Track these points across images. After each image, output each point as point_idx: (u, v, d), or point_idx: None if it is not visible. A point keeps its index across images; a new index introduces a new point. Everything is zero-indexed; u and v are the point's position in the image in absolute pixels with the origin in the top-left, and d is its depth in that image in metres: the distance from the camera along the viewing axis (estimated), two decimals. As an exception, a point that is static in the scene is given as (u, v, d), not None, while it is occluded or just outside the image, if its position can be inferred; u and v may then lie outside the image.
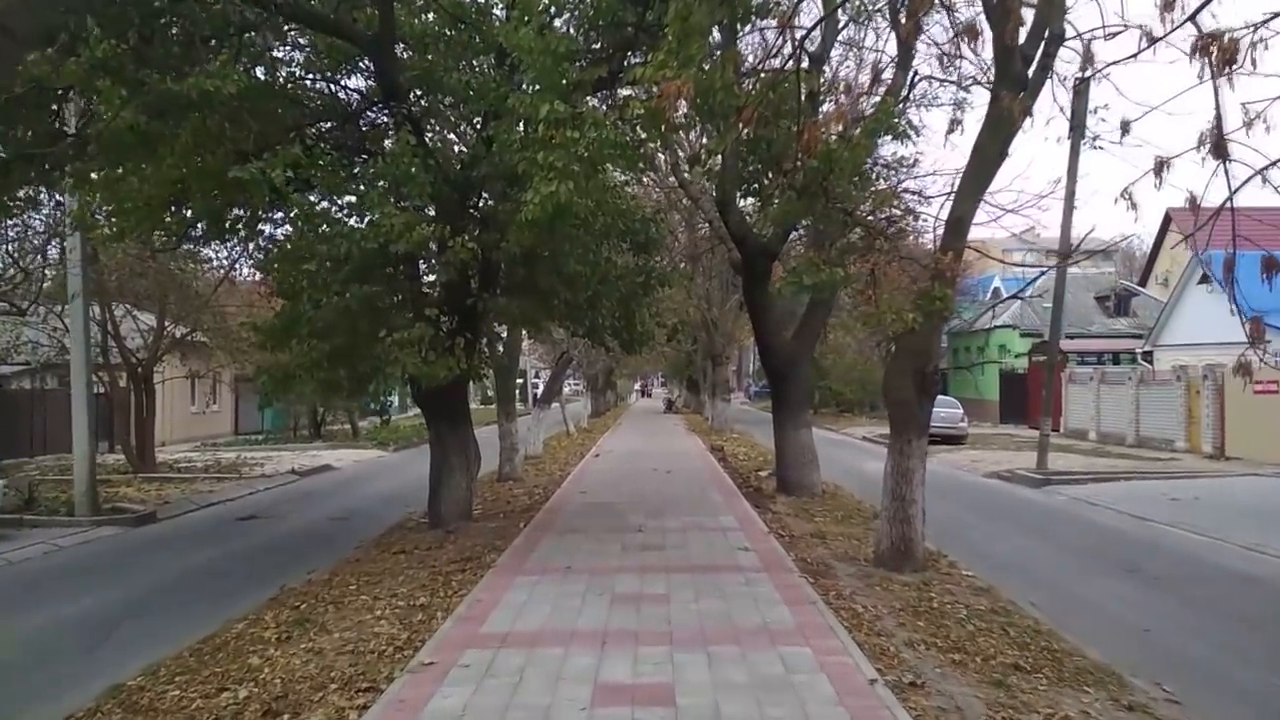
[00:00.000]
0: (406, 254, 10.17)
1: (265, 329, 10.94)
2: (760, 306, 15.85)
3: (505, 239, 10.51)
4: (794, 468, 15.80)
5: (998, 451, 29.29)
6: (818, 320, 16.22)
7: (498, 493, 17.31)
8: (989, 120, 9.13)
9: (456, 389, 12.92)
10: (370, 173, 10.45)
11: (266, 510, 17.28)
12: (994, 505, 17.79)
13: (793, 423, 15.82)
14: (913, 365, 10.05)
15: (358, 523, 15.41)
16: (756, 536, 11.65)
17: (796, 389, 15.99)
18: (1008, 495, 19.38)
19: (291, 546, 13.45)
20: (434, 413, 13.37)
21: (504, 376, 19.21)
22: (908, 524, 10.15)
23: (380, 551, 11.77)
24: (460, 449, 13.19)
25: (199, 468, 23.64)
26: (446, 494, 13.20)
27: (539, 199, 8.69)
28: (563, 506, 14.73)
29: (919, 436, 10.25)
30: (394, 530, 13.69)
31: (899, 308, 8.09)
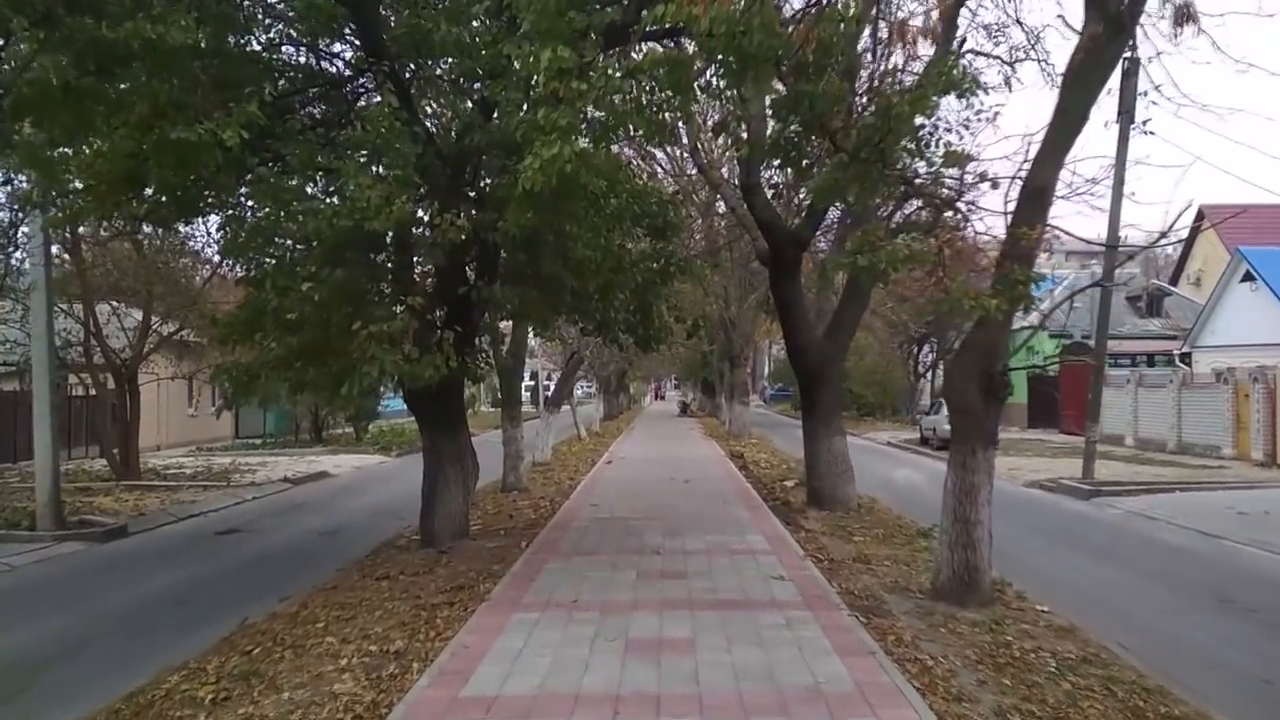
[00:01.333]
0: (386, 234, 8.76)
1: (226, 322, 9.50)
2: (789, 302, 14.36)
3: (503, 218, 9.07)
4: (827, 479, 14.30)
5: (1032, 458, 27.66)
6: (852, 316, 14.72)
7: (500, 505, 15.86)
8: (1075, 72, 7.64)
9: (451, 392, 11.49)
10: (347, 141, 9.00)
11: (250, 523, 15.88)
12: (1044, 520, 16.22)
13: (825, 429, 14.32)
14: (980, 365, 8.56)
15: (345, 539, 14.00)
16: (791, 561, 10.16)
17: (829, 393, 14.49)
18: (1055, 508, 17.79)
19: (267, 568, 12.03)
20: (427, 418, 11.95)
21: (509, 378, 17.77)
22: (972, 550, 8.65)
23: (361, 576, 10.33)
24: (456, 459, 11.75)
25: (187, 475, 22.29)
26: (440, 509, 11.77)
27: (539, 164, 7.24)
28: (571, 522, 13.27)
29: (985, 447, 8.75)
30: (382, 549, 12.25)
31: (977, 292, 6.60)
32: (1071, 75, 7.71)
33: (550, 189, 8.09)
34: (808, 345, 14.33)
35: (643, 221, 11.20)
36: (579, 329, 13.67)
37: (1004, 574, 9.86)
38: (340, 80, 11.05)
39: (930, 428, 32.34)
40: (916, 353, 50.94)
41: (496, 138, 9.11)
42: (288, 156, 9.02)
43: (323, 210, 8.27)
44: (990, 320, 8.44)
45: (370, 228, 8.17)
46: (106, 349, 20.93)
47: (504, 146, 9.17)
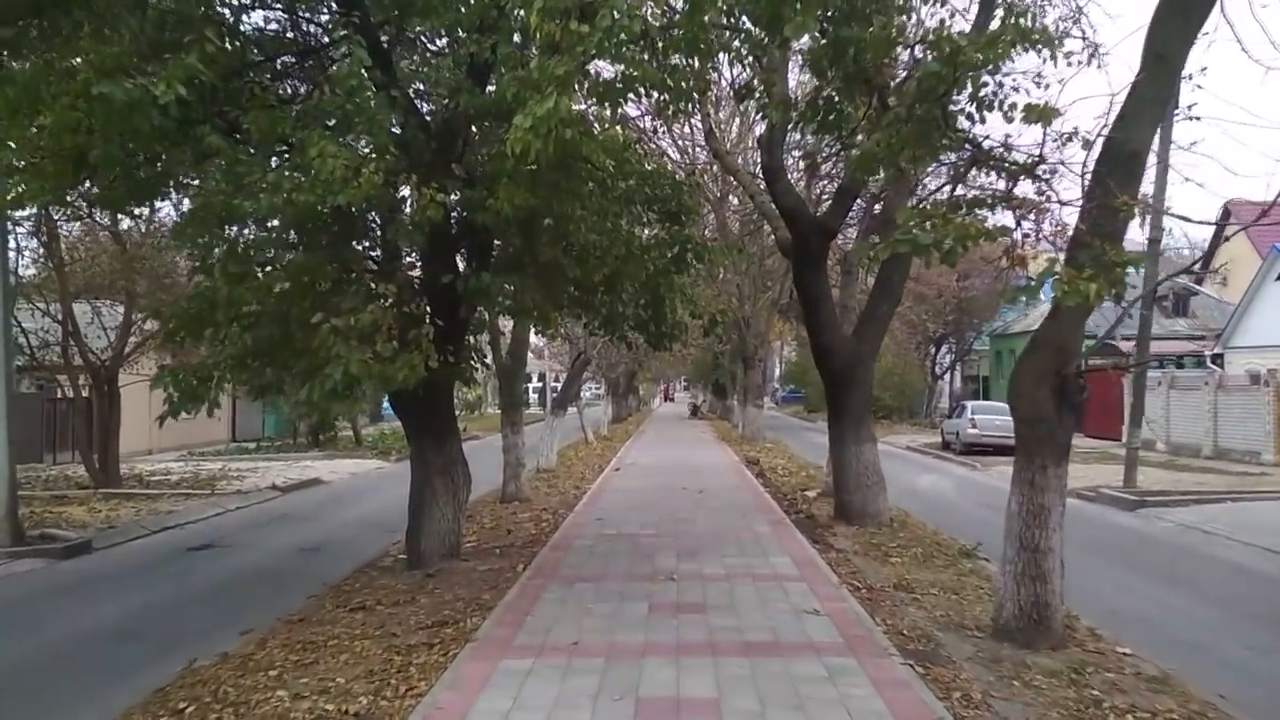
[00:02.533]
0: (354, 211, 7.51)
1: (173, 316, 8.23)
2: (815, 296, 13.06)
3: (494, 196, 7.82)
4: (856, 491, 13.00)
5: (1062, 464, 26.27)
6: (883, 312, 13.41)
7: (498, 518, 14.60)
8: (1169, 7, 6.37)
9: (439, 396, 10.24)
10: (315, 107, 7.75)
11: (227, 537, 14.65)
12: (1092, 535, 14.87)
13: (854, 436, 13.02)
14: (1052, 365, 7.27)
15: (328, 556, 12.76)
16: (825, 590, 8.87)
17: (858, 396, 13.18)
18: (1100, 521, 16.46)
19: (234, 592, 10.79)
20: (413, 424, 10.71)
21: (509, 380, 16.49)
22: (1042, 583, 7.36)
23: (334, 606, 9.08)
24: (444, 470, 10.50)
25: (172, 482, 21.08)
26: (428, 527, 10.53)
27: (530, 122, 5.98)
28: (574, 539, 11.99)
29: (1058, 462, 7.46)
30: (364, 570, 11.00)
31: (1072, 275, 5.31)
32: (1166, 5, 6.44)
33: (547, 160, 6.87)
34: (834, 344, 13.03)
35: (654, 206, 9.93)
36: (584, 326, 12.35)
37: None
38: (314, 47, 9.80)
39: (953, 432, 30.99)
40: (935, 354, 49.56)
41: (487, 103, 7.86)
42: (245, 125, 7.79)
43: (281, 184, 7.01)
44: (1065, 312, 7.16)
45: (335, 203, 6.92)
46: (84, 348, 19.73)
47: (496, 114, 7.92)
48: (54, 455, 26.98)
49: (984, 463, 26.69)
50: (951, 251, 5.77)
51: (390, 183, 7.48)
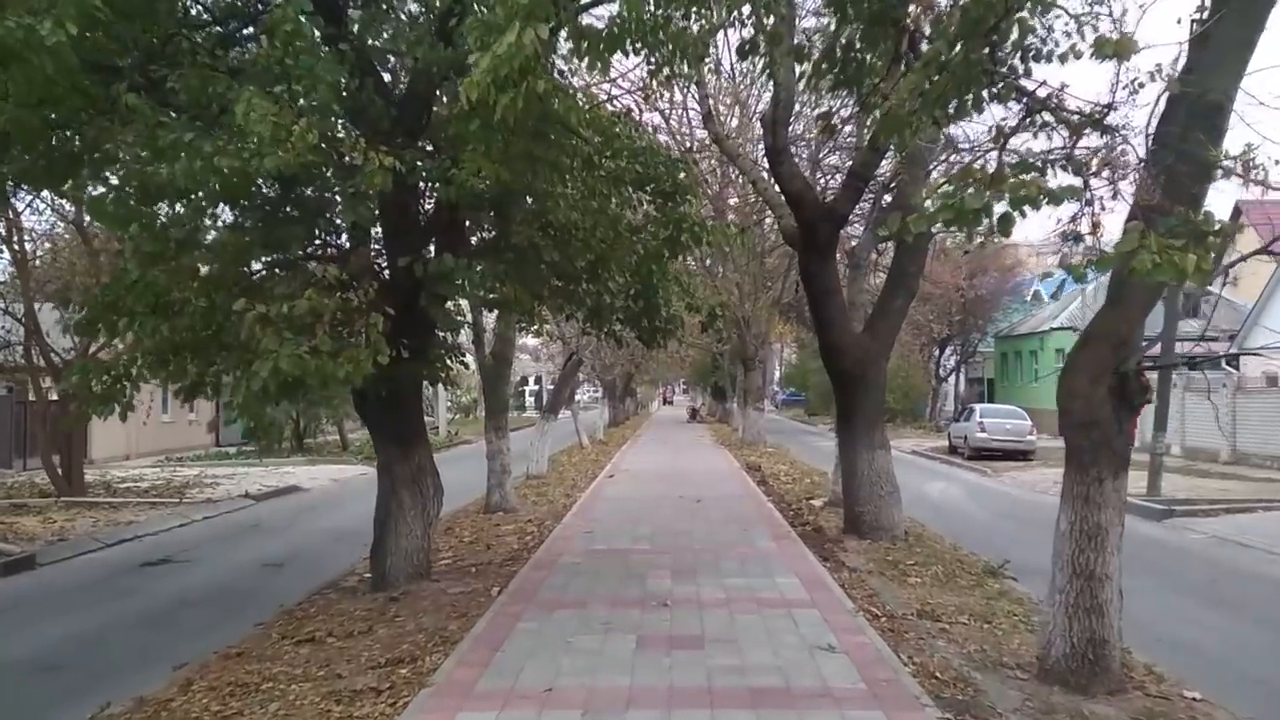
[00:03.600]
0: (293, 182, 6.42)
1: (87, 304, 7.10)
2: (823, 289, 11.97)
3: (459, 164, 6.73)
4: (868, 501, 11.89)
5: (1076, 470, 25.16)
6: (898, 306, 12.31)
7: (479, 530, 13.48)
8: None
9: (403, 397, 9.15)
10: (251, 62, 6.66)
11: (187, 551, 13.54)
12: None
13: (866, 442, 11.91)
14: (1110, 361, 6.19)
15: (291, 573, 11.68)
16: (840, 619, 7.76)
17: (871, 399, 12.08)
18: (1128, 532, 15.24)
19: (179, 617, 9.67)
20: (377, 429, 9.63)
21: (493, 381, 15.36)
22: (1098, 616, 6.28)
23: (281, 637, 7.97)
24: (412, 481, 9.41)
25: (141, 489, 19.96)
26: (393, 544, 9.44)
27: (489, 61, 4.90)
28: (559, 556, 10.87)
29: (1116, 474, 6.38)
30: (324, 592, 9.91)
31: (1164, 244, 4.22)
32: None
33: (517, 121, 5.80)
34: (844, 342, 11.93)
35: (646, 185, 8.84)
36: (567, 318, 11.21)
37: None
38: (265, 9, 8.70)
39: (960, 436, 29.88)
40: (939, 355, 48.48)
41: (450, 58, 6.77)
42: (172, 85, 6.70)
43: (201, 147, 5.91)
44: (1128, 299, 6.09)
45: (263, 169, 5.81)
46: (45, 349, 18.61)
47: (460, 69, 6.81)
48: (24, 461, 25.88)
49: (994, 468, 25.60)
50: (1007, 219, 4.68)
51: (333, 146, 6.37)
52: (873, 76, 5.94)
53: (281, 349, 5.76)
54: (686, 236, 8.01)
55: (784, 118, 11.66)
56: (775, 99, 11.52)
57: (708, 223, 8.30)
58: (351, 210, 6.44)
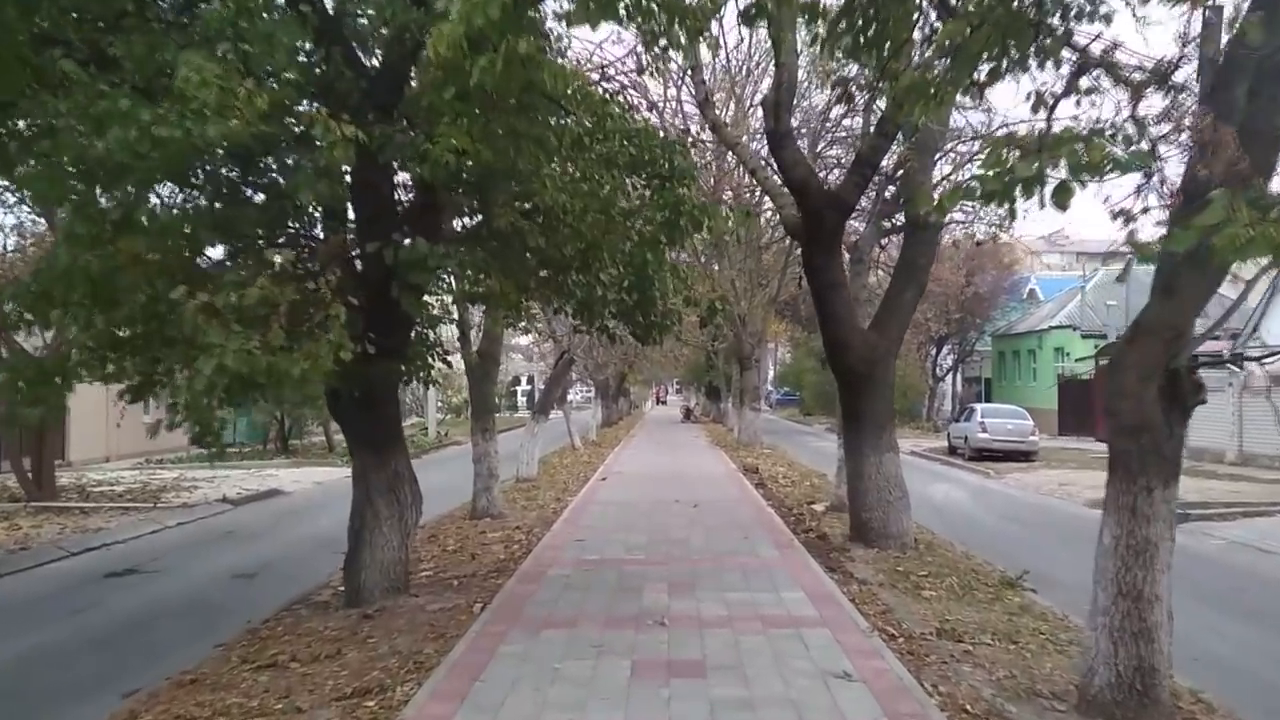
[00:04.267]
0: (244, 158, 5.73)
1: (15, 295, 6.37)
2: (827, 283, 11.29)
3: (433, 140, 6.04)
4: (876, 507, 11.22)
5: (1078, 471, 24.53)
6: (907, 301, 11.63)
7: (464, 538, 12.77)
8: None
9: (379, 398, 8.46)
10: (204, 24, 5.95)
11: (155, 560, 12.82)
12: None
13: (873, 444, 11.24)
14: (1162, 358, 5.53)
15: (262, 585, 11.00)
16: (854, 640, 7.08)
17: (879, 399, 11.40)
18: (1143, 537, 14.71)
19: (135, 635, 8.96)
20: (353, 434, 8.94)
21: (479, 380, 14.65)
22: (1147, 642, 5.61)
23: (242, 660, 7.27)
24: (388, 489, 8.71)
25: (116, 493, 19.20)
26: (368, 557, 8.74)
27: (463, 6, 4.22)
28: (548, 567, 10.17)
29: (1166, 483, 5.71)
30: (294, 607, 9.22)
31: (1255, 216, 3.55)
32: None
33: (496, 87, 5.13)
34: (850, 339, 11.26)
35: (641, 170, 8.14)
36: (556, 312, 10.49)
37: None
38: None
39: (960, 436, 29.25)
40: (936, 354, 47.88)
41: (421, 19, 6.07)
42: (114, 50, 6.00)
43: (138, 114, 5.21)
44: (1185, 288, 5.43)
45: (207, 138, 5.11)
46: (12, 347, 17.82)
47: (433, 32, 6.10)
48: (-2, 464, 25.04)
49: (997, 469, 24.97)
50: (1064, 190, 4.01)
51: (288, 113, 5.67)
52: (901, 33, 5.25)
53: (228, 343, 5.06)
54: (686, 221, 7.30)
55: (787, 101, 10.99)
56: (777, 81, 10.84)
57: (712, 203, 7.58)
58: (310, 188, 5.75)
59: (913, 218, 11.58)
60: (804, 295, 38.99)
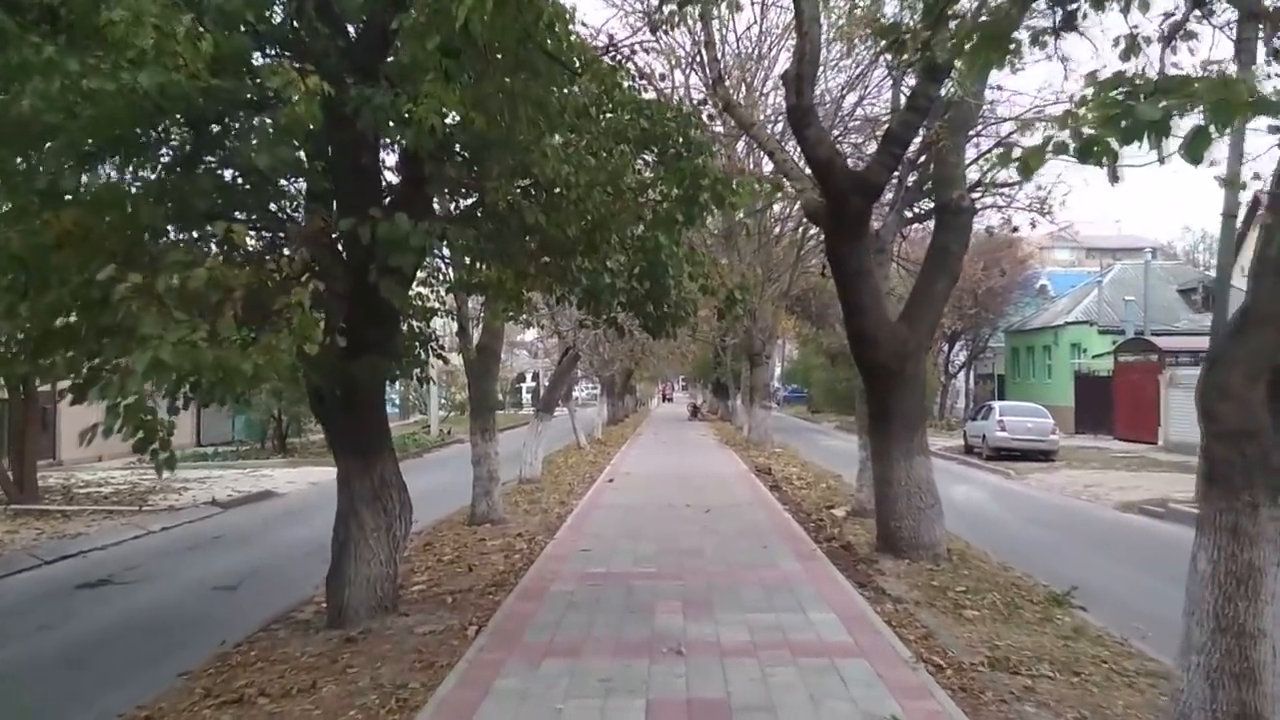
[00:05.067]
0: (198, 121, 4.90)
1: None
2: (854, 272, 10.43)
3: (417, 100, 5.20)
4: (906, 515, 10.37)
5: (1102, 471, 23.68)
6: (939, 291, 10.77)
7: (462, 546, 11.94)
8: None
9: (363, 397, 7.64)
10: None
11: (133, 569, 12.02)
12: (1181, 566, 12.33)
13: (903, 447, 10.39)
14: (1275, 351, 4.68)
15: (243, 598, 10.22)
16: (896, 673, 6.24)
17: (909, 398, 10.54)
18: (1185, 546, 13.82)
19: (103, 655, 8.16)
20: (336, 436, 8.14)
21: (479, 377, 13.81)
22: (1250, 684, 4.78)
23: (205, 693, 6.45)
24: (374, 497, 7.90)
25: (102, 495, 18.42)
26: (353, 572, 7.92)
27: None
28: (550, 582, 9.34)
29: (1273, 498, 4.84)
30: (272, 627, 8.39)
31: None
32: None
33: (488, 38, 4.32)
34: (879, 333, 10.40)
35: (652, 144, 7.30)
36: (558, 301, 9.61)
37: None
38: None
39: (977, 435, 28.36)
40: (949, 351, 46.95)
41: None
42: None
43: (64, 64, 4.38)
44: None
45: (145, 91, 4.28)
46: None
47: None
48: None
49: (1017, 469, 24.09)
50: (1201, 137, 3.16)
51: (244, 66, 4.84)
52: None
53: (166, 334, 4.24)
54: (706, 196, 6.45)
55: (809, 73, 10.13)
56: (799, 52, 9.97)
57: (736, 176, 6.68)
58: (269, 152, 4.91)
59: (944, 201, 10.72)
60: (815, 291, 38.15)
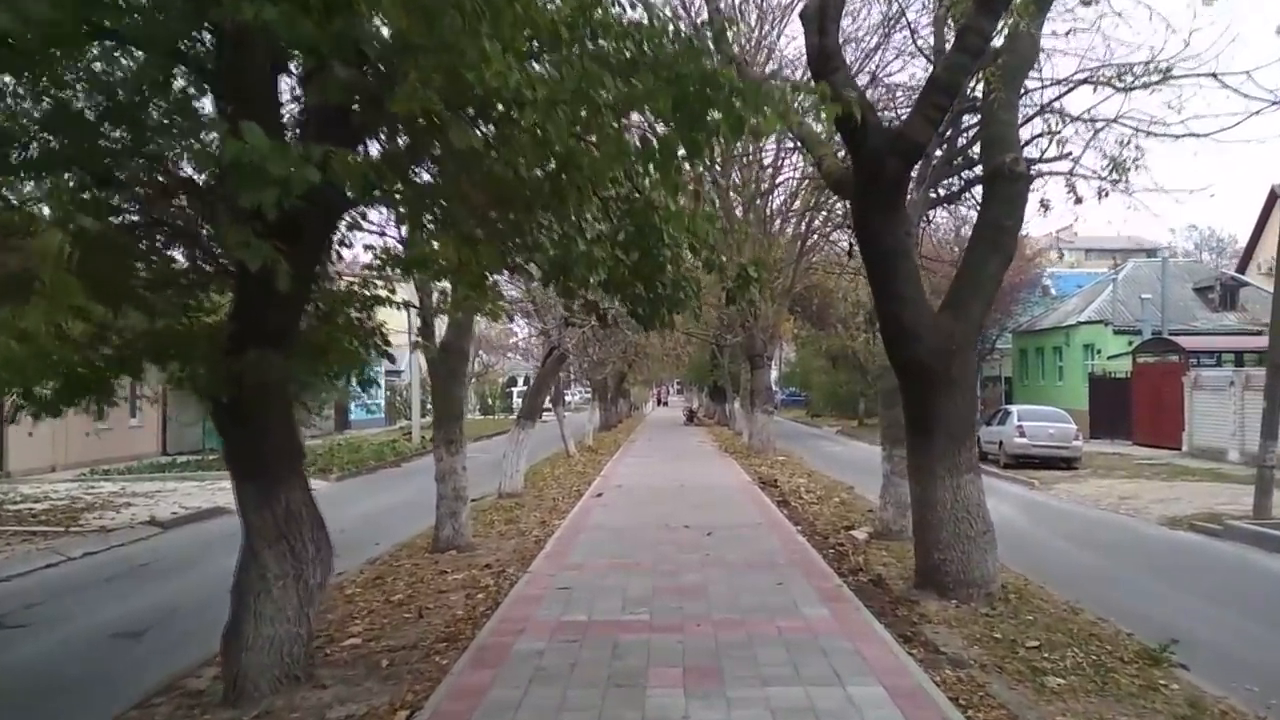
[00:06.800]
0: None
1: None
2: (889, 251, 8.59)
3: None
4: (952, 546, 8.52)
5: (1133, 481, 21.85)
6: (990, 274, 8.90)
7: (418, 580, 10.03)
8: None
9: (261, 408, 5.76)
10: None
11: (33, 607, 10.14)
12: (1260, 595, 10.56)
13: (949, 463, 8.55)
14: None
15: (145, 651, 8.41)
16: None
17: (957, 403, 8.66)
18: (1251, 570, 12.05)
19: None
20: (228, 455, 6.26)
21: (444, 380, 11.89)
22: None
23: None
24: (278, 536, 6.03)
25: (33, 514, 16.48)
26: (252, 632, 6.06)
27: None
28: (516, 637, 7.43)
29: None
30: (154, 703, 6.50)
31: None
32: None
33: None
34: (919, 324, 8.55)
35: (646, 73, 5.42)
36: (511, 272, 7.62)
37: None
38: None
39: (993, 441, 26.48)
40: (955, 352, 45.04)
41: None
42: None
43: None
44: None
45: None
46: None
47: None
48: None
49: (1040, 479, 22.27)
50: None
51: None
52: None
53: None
54: (718, 116, 4.52)
55: (834, 9, 8.29)
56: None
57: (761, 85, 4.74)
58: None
59: (996, 167, 8.88)
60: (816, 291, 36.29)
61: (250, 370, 5.28)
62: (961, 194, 13.31)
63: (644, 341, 28.78)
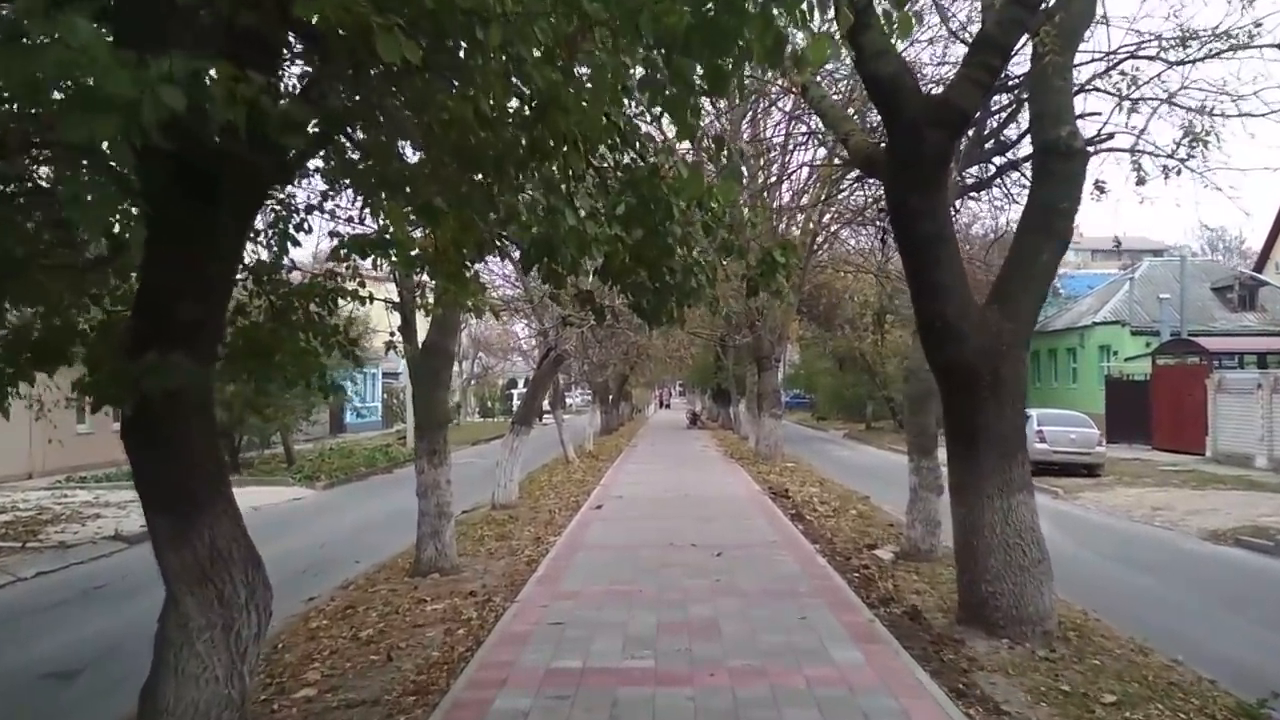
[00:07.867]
0: None
1: None
2: (930, 236, 7.48)
3: None
4: (1004, 578, 7.39)
5: (1161, 490, 20.69)
6: (1043, 266, 7.77)
7: (393, 611, 8.90)
8: None
9: (172, 420, 4.64)
10: None
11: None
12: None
13: (999, 480, 7.43)
14: None
15: (73, 698, 7.34)
16: None
17: (1005, 411, 7.55)
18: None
19: None
20: (137, 480, 5.10)
21: (425, 383, 10.74)
22: None
23: None
24: (201, 578, 4.90)
25: (-4, 525, 15.41)
26: (171, 695, 4.92)
27: None
28: (497, 688, 6.31)
29: None
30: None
31: None
32: None
33: None
34: (963, 320, 7.44)
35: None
36: (480, 254, 6.47)
37: None
38: None
39: (1011, 446, 25.32)
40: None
41: None
42: None
43: None
44: None
45: None
46: None
47: None
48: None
49: (1063, 487, 21.11)
50: None
51: None
52: None
53: None
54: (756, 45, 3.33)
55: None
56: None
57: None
58: None
59: (1049, 142, 7.76)
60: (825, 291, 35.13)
61: (150, 376, 4.17)
62: (993, 180, 12.19)
63: (646, 342, 27.62)
